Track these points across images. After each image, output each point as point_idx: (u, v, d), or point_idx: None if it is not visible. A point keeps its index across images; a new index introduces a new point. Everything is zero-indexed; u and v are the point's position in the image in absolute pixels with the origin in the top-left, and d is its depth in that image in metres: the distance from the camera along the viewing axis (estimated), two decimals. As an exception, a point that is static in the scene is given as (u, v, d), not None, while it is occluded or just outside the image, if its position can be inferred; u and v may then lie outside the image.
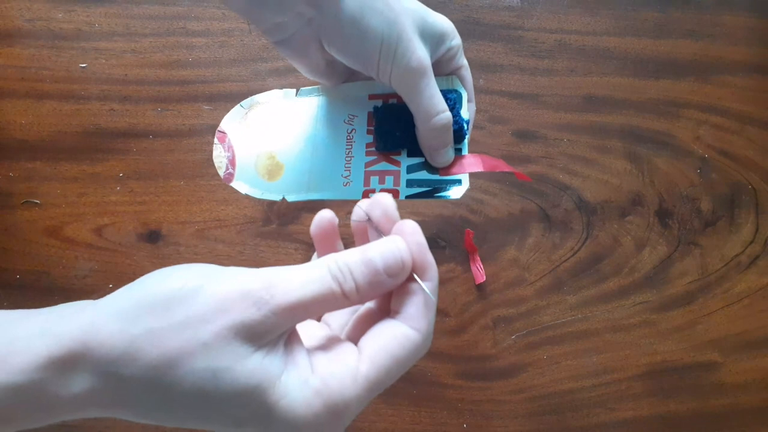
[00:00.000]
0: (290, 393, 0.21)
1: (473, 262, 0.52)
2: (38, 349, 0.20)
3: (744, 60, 0.55)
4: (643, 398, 0.51)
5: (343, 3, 0.29)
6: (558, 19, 0.55)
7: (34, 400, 0.19)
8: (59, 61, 0.53)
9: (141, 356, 0.20)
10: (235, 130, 0.37)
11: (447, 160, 0.34)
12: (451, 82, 0.35)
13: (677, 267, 0.53)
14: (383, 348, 0.23)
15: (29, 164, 0.53)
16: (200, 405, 0.20)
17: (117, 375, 0.20)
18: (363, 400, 0.22)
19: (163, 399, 0.20)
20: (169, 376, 0.20)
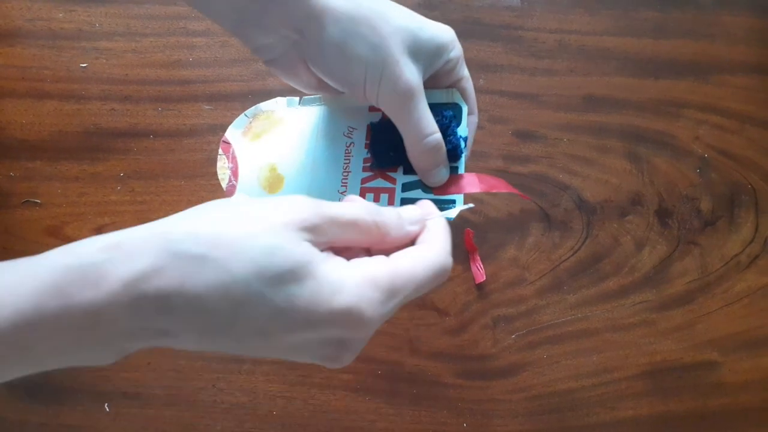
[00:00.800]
0: (336, 269, 0.24)
1: (473, 261, 0.52)
2: (105, 239, 0.22)
3: (744, 60, 0.56)
4: (643, 398, 0.51)
5: (326, 28, 0.29)
6: (558, 19, 0.55)
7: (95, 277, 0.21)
8: (60, 61, 0.53)
9: (202, 234, 0.22)
10: (238, 141, 0.37)
11: (440, 180, 0.33)
12: (450, 95, 0.35)
13: (677, 266, 0.53)
14: (402, 262, 0.26)
15: (30, 164, 0.53)
16: (254, 280, 0.22)
17: (178, 251, 0.22)
18: (390, 295, 0.25)
19: (219, 277, 0.22)
20: (228, 251, 0.22)
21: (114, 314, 0.21)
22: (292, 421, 0.51)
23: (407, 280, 0.25)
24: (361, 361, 0.51)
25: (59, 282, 0.21)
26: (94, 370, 0.51)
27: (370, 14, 0.30)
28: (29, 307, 0.21)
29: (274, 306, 0.22)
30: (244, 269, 0.22)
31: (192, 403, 0.51)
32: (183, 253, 0.22)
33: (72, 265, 0.21)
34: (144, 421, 0.50)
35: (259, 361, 0.51)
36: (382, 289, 0.24)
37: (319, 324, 0.23)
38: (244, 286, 0.22)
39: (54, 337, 0.21)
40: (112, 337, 0.22)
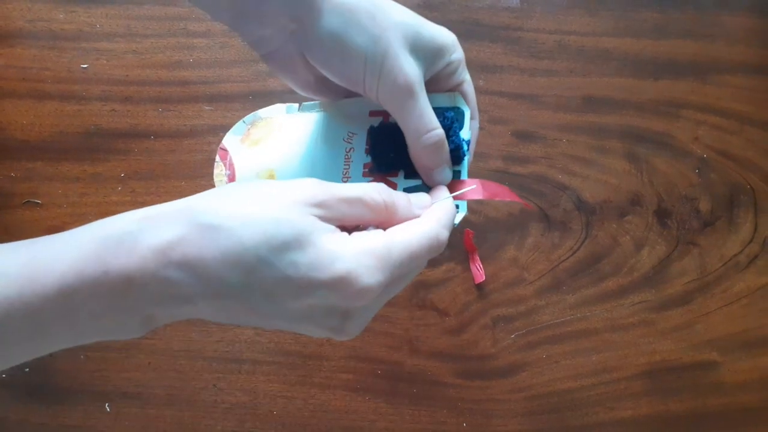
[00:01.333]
0: (336, 240, 0.25)
1: (473, 261, 0.52)
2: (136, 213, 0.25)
3: (743, 60, 0.56)
4: (642, 397, 0.52)
5: (325, 18, 0.29)
6: (557, 20, 0.55)
7: (129, 244, 0.23)
8: (60, 62, 0.53)
9: (218, 208, 0.24)
10: (236, 147, 0.37)
11: (443, 181, 0.33)
12: (453, 99, 0.34)
13: (676, 267, 0.53)
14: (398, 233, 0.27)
15: (30, 164, 0.53)
16: (262, 246, 0.24)
17: (199, 223, 0.24)
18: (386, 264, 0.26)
19: (231, 243, 0.24)
20: (240, 221, 0.24)
21: (144, 278, 0.23)
22: (293, 421, 0.51)
23: (402, 249, 0.26)
24: (361, 360, 0.51)
25: (98, 250, 0.23)
26: (94, 370, 0.51)
27: (370, 6, 0.29)
28: (72, 272, 0.23)
29: (279, 271, 0.24)
30: (253, 238, 0.24)
31: (192, 402, 0.51)
32: (201, 224, 0.24)
33: (110, 234, 0.24)
34: (144, 421, 0.51)
35: (259, 361, 0.51)
36: (378, 256, 0.25)
37: (319, 289, 0.24)
38: (254, 252, 0.24)
39: (93, 302, 0.23)
40: (142, 302, 0.24)
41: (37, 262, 0.23)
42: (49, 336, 0.24)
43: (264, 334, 0.51)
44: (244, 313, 0.25)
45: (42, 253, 0.23)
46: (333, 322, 0.27)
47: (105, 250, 0.23)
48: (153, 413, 0.51)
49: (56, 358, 0.51)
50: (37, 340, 0.24)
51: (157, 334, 0.51)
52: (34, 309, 0.23)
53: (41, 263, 0.23)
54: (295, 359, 0.51)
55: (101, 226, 0.24)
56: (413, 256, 0.27)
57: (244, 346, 0.51)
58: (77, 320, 0.24)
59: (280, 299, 0.25)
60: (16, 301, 0.22)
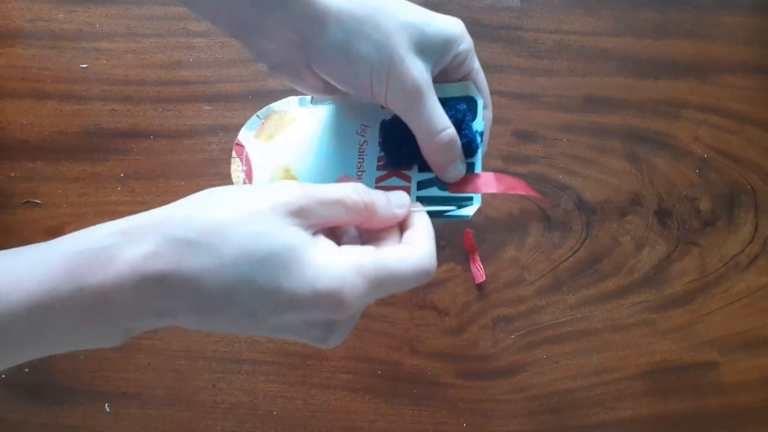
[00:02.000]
0: (322, 253, 0.25)
1: (473, 261, 0.52)
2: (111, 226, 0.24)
3: (743, 60, 0.56)
4: (643, 397, 0.52)
5: (328, 29, 0.29)
6: (557, 19, 0.55)
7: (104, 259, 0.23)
8: (60, 62, 0.53)
9: (196, 222, 0.24)
10: (251, 143, 0.37)
11: (457, 176, 0.33)
12: (465, 88, 0.34)
13: (676, 267, 0.53)
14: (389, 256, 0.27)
15: (30, 164, 0.53)
16: (243, 263, 0.23)
17: (175, 237, 0.23)
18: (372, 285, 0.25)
19: (210, 260, 0.23)
20: (219, 236, 0.23)
21: (121, 294, 0.23)
22: (292, 421, 0.51)
23: (390, 275, 0.26)
24: (361, 361, 0.51)
25: (70, 266, 0.23)
26: (94, 370, 0.51)
27: (373, 12, 0.29)
28: (42, 290, 0.22)
29: (260, 288, 0.23)
30: (233, 254, 0.23)
31: (192, 403, 0.51)
32: (179, 239, 0.23)
33: (82, 250, 0.23)
34: (144, 421, 0.50)
35: (259, 361, 0.51)
36: (366, 277, 0.25)
37: (302, 306, 0.24)
38: (234, 269, 0.23)
39: (65, 318, 0.23)
40: (119, 317, 0.23)
41: (5, 277, 0.22)
42: (19, 351, 0.24)
43: (264, 334, 0.51)
44: (224, 326, 0.25)
45: (10, 268, 0.23)
46: (316, 333, 0.26)
47: (78, 266, 0.23)
48: (153, 413, 0.50)
49: (56, 358, 0.51)
50: (8, 355, 0.23)
51: (157, 335, 0.51)
52: (1, 327, 0.22)
53: (9, 278, 0.22)
54: (295, 359, 0.51)
55: (73, 241, 0.24)
56: (400, 283, 0.26)
57: (243, 346, 0.51)
58: (49, 336, 0.23)
59: (261, 315, 0.24)
60: None
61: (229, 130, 0.53)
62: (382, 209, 0.28)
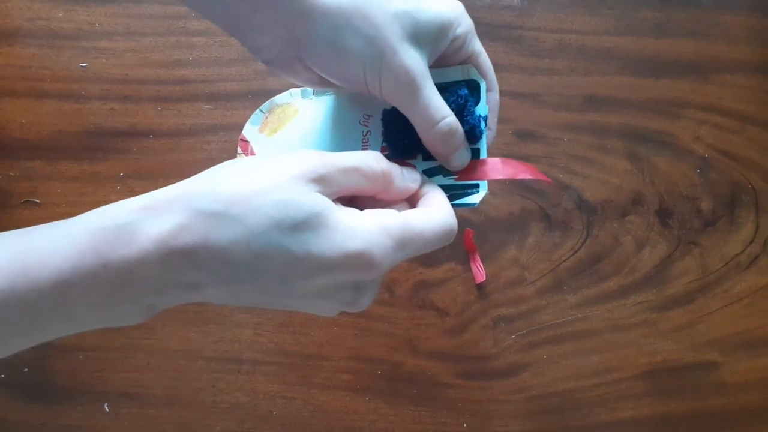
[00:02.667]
0: (348, 216, 0.25)
1: (473, 261, 0.52)
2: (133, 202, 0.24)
3: (744, 59, 0.55)
4: (643, 398, 0.51)
5: (317, 25, 0.29)
6: (558, 18, 0.55)
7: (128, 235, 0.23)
8: (59, 61, 0.53)
9: (221, 193, 0.24)
10: (256, 137, 0.37)
11: (461, 164, 0.32)
12: (466, 71, 0.33)
13: (677, 266, 0.53)
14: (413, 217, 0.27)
15: (29, 163, 0.53)
16: (272, 232, 0.23)
17: (201, 210, 0.23)
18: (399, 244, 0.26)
19: (239, 231, 0.23)
20: (246, 207, 0.23)
21: (146, 270, 0.23)
22: (292, 422, 0.50)
23: (417, 234, 0.26)
24: (360, 361, 0.51)
25: (95, 242, 0.23)
26: (94, 370, 0.51)
27: (361, 4, 0.28)
28: (68, 266, 0.22)
29: (291, 254, 0.24)
30: (261, 223, 0.23)
31: (191, 403, 0.50)
32: (204, 211, 0.23)
33: (106, 226, 0.23)
34: (143, 422, 0.50)
35: (258, 361, 0.51)
36: (393, 237, 0.25)
37: (333, 268, 0.24)
38: (263, 237, 0.23)
39: (91, 294, 0.23)
40: (144, 293, 0.24)
41: (31, 254, 0.23)
42: (45, 328, 0.24)
43: (263, 334, 0.51)
44: (253, 296, 0.25)
45: (35, 245, 0.23)
46: (346, 297, 0.27)
47: (102, 243, 0.23)
48: (152, 413, 0.50)
49: (55, 358, 0.51)
50: (32, 332, 0.24)
51: (156, 334, 0.51)
52: (28, 303, 0.22)
53: (34, 255, 0.22)
54: (295, 359, 0.51)
55: (96, 217, 0.24)
56: (426, 244, 0.27)
57: (243, 346, 0.51)
58: (75, 312, 0.23)
59: (294, 281, 0.24)
60: (9, 295, 0.22)
61: (228, 129, 0.53)
62: (398, 179, 0.29)
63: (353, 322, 0.51)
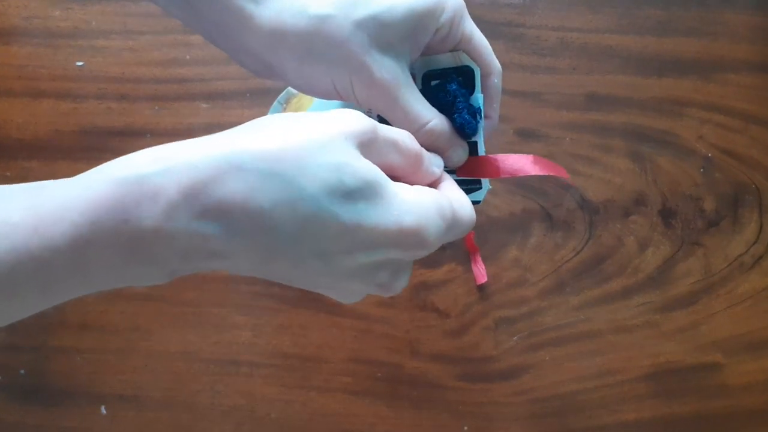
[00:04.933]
0: (403, 189, 0.24)
1: (474, 262, 0.52)
2: (160, 150, 0.22)
3: (747, 58, 0.55)
4: (646, 400, 0.51)
5: (283, 57, 0.28)
6: (560, 16, 0.54)
7: (155, 187, 0.20)
8: (56, 60, 0.53)
9: (267, 149, 0.21)
10: None
11: (458, 162, 0.31)
12: (458, 58, 0.31)
13: (680, 267, 0.52)
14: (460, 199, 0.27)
15: (26, 163, 0.52)
16: (324, 197, 0.21)
17: (242, 165, 0.21)
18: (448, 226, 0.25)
19: (286, 193, 0.21)
20: (295, 166, 0.21)
21: (172, 230, 0.20)
22: (291, 424, 0.50)
23: (460, 219, 0.26)
24: (360, 363, 0.50)
25: (116, 195, 0.20)
26: (91, 372, 0.50)
27: (321, 23, 0.27)
28: (85, 221, 0.20)
29: (341, 223, 0.22)
30: (313, 185, 0.21)
31: (189, 405, 0.50)
32: (248, 167, 0.21)
33: (128, 177, 0.21)
34: (141, 424, 0.50)
35: (257, 363, 0.50)
36: (445, 218, 0.24)
37: (384, 243, 0.23)
38: (313, 202, 0.21)
39: (109, 254, 0.21)
40: (168, 256, 0.21)
41: (44, 209, 0.20)
42: (61, 289, 0.22)
43: (262, 336, 0.51)
44: (284, 270, 0.23)
45: (50, 197, 0.21)
46: (383, 278, 0.25)
47: (124, 196, 0.20)
48: (150, 416, 0.50)
49: (52, 360, 0.50)
50: (48, 293, 0.22)
51: (154, 336, 0.50)
52: (43, 261, 0.20)
53: (49, 209, 0.20)
54: (294, 362, 0.50)
55: (119, 167, 0.21)
56: (463, 231, 0.26)
57: (241, 348, 0.50)
58: (92, 272, 0.21)
59: (333, 255, 0.22)
60: (24, 254, 0.20)
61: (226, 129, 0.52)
62: (427, 162, 0.27)
63: (353, 323, 0.51)
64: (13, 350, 0.50)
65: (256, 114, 0.52)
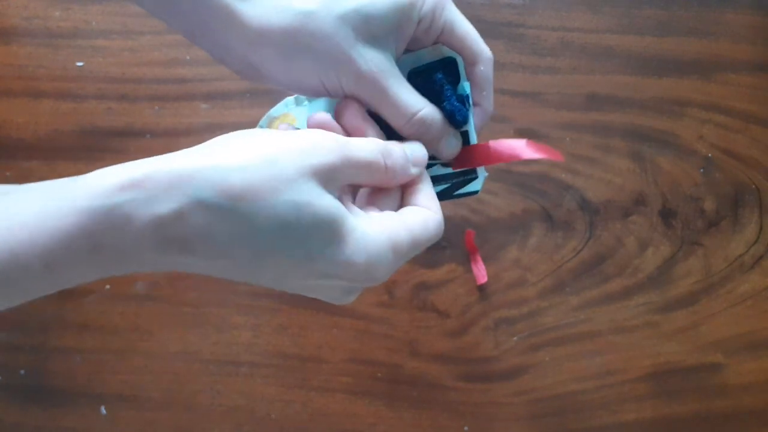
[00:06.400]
0: (359, 226, 0.24)
1: (474, 262, 0.51)
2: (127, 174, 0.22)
3: (747, 58, 0.55)
4: (646, 400, 0.51)
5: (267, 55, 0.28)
6: (560, 16, 0.54)
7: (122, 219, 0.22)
8: (56, 60, 0.53)
9: (229, 187, 0.22)
10: None
11: (452, 152, 0.31)
12: (438, 51, 0.31)
13: (681, 267, 0.52)
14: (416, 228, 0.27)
15: (26, 163, 0.52)
16: (280, 236, 0.23)
17: (203, 200, 0.22)
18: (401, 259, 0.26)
19: (244, 230, 0.22)
20: (254, 205, 0.22)
21: (140, 253, 0.22)
22: (291, 425, 0.50)
23: (420, 243, 0.27)
24: (360, 363, 0.50)
25: (86, 224, 0.22)
26: (90, 372, 0.50)
27: (306, 19, 0.27)
28: (57, 247, 0.21)
29: (295, 259, 0.23)
30: (270, 224, 0.22)
31: (189, 406, 0.50)
32: (208, 203, 0.22)
33: (97, 208, 0.22)
34: (141, 424, 0.50)
35: (256, 364, 0.50)
36: (399, 252, 0.25)
37: (335, 276, 0.24)
38: (270, 240, 0.22)
39: (82, 271, 0.23)
40: (138, 267, 0.23)
41: (15, 230, 0.22)
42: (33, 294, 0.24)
43: (262, 336, 0.51)
44: (245, 278, 0.25)
45: (22, 220, 0.22)
46: (336, 295, 0.27)
47: (93, 226, 0.22)
48: (149, 416, 0.50)
49: (52, 360, 0.50)
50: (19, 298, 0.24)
51: (154, 336, 0.50)
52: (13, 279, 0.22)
53: (20, 231, 0.21)
54: (294, 362, 0.50)
55: (85, 194, 0.22)
56: (426, 245, 0.27)
57: (241, 349, 0.50)
58: (64, 282, 0.23)
59: (291, 280, 0.25)
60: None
61: (226, 129, 0.51)
62: (401, 173, 0.28)
63: (352, 323, 0.51)
64: (13, 350, 0.50)
65: (256, 114, 0.52)
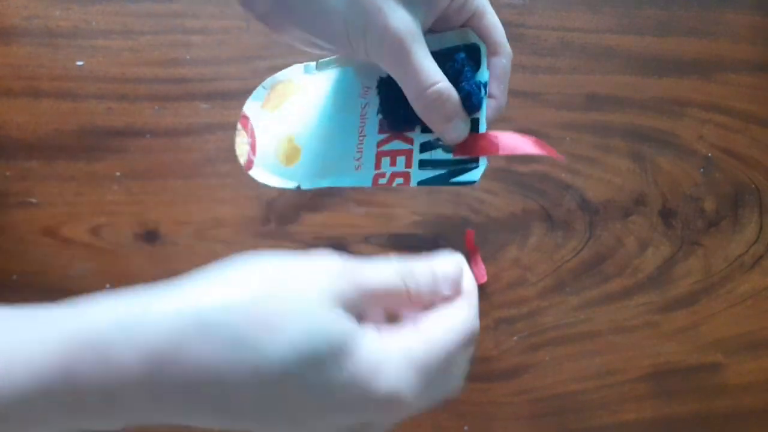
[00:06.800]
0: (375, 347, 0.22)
1: (474, 262, 0.51)
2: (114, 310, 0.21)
3: (747, 58, 0.55)
4: (646, 400, 0.51)
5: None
6: (560, 16, 0.54)
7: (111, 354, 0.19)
8: (56, 59, 0.53)
9: (235, 313, 0.20)
10: (257, 113, 0.36)
11: (458, 136, 0.30)
12: (465, 35, 0.30)
13: (681, 267, 0.52)
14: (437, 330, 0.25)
15: (26, 163, 0.52)
16: (292, 365, 0.20)
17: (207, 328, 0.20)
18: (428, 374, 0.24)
19: (252, 356, 0.20)
20: (264, 332, 0.20)
21: (130, 398, 0.20)
22: (291, 424, 0.50)
23: (440, 354, 0.24)
24: (360, 363, 0.50)
25: (68, 361, 0.19)
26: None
27: None
28: (35, 387, 0.19)
29: (309, 392, 0.21)
30: (281, 353, 0.20)
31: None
32: (212, 333, 0.20)
33: (83, 342, 0.20)
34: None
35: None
36: (418, 369, 0.23)
37: (353, 409, 0.22)
38: (281, 371, 0.20)
39: (59, 415, 0.20)
40: (125, 417, 0.21)
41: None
42: None
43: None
44: (250, 427, 0.22)
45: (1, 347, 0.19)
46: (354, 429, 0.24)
47: (76, 362, 0.19)
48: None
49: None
50: None
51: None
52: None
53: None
54: (294, 361, 0.50)
55: (75, 325, 0.20)
56: (451, 360, 0.24)
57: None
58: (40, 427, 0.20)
59: (303, 420, 0.22)
60: None
61: (226, 129, 0.52)
62: (427, 294, 0.26)
63: (353, 323, 0.51)
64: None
65: (256, 114, 0.52)
